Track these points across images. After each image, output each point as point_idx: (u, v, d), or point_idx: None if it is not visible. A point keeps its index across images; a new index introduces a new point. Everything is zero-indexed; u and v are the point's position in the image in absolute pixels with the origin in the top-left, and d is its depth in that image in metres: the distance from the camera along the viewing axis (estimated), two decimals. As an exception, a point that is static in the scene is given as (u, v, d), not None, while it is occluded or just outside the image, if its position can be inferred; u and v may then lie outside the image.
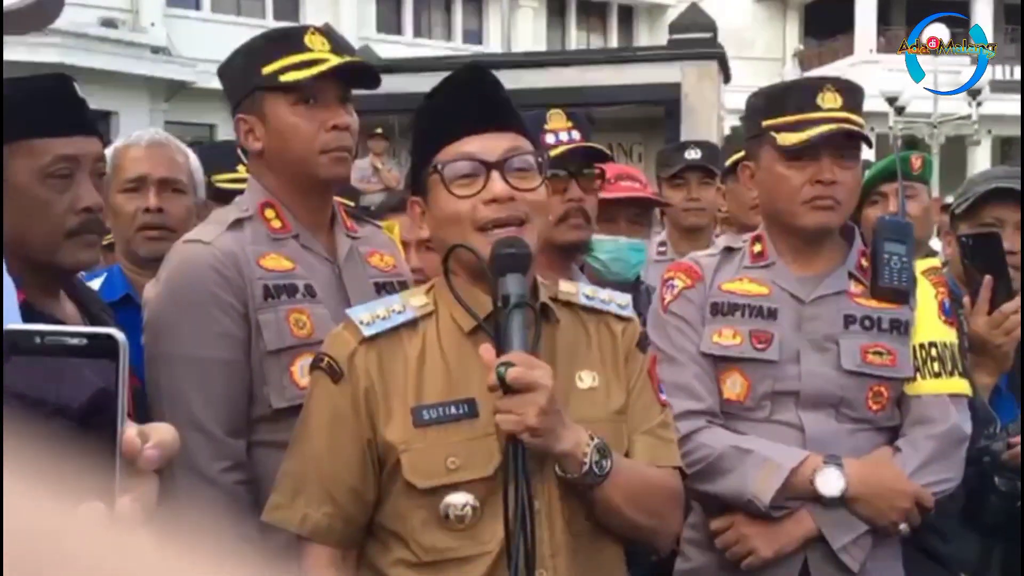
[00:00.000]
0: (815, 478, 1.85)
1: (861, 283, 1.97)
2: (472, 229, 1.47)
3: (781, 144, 1.89)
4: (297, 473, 1.51)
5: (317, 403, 1.51)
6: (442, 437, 1.47)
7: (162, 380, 1.72)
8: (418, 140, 1.60)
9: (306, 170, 1.80)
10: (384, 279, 1.93)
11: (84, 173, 1.54)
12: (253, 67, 1.81)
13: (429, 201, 1.52)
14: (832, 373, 1.91)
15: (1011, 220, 2.23)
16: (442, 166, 1.48)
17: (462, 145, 1.50)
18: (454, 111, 1.54)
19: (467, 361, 1.49)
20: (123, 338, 0.68)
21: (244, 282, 1.73)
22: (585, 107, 10.45)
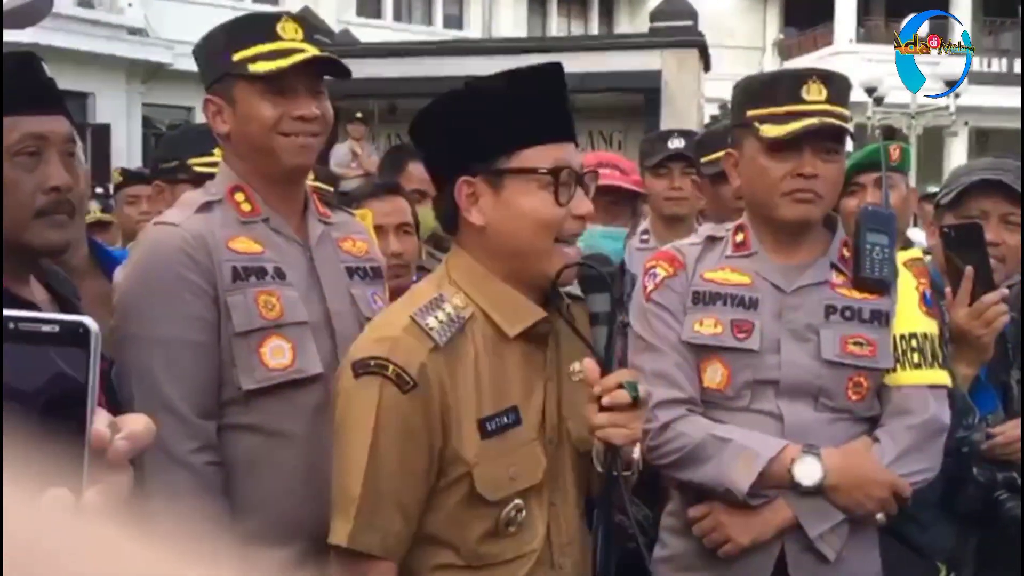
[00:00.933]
0: (793, 467, 1.86)
1: (843, 273, 1.97)
2: (552, 238, 1.48)
3: (764, 136, 1.89)
4: (371, 495, 1.44)
5: (386, 415, 1.43)
6: (501, 448, 1.48)
7: (131, 361, 1.71)
8: (489, 124, 1.50)
9: (268, 157, 1.81)
10: (356, 264, 1.93)
11: (53, 152, 1.51)
12: (225, 52, 1.81)
13: (496, 189, 1.48)
14: (812, 363, 1.91)
15: (995, 212, 2.23)
16: (538, 167, 1.46)
17: (555, 151, 1.48)
18: (547, 110, 1.51)
19: (507, 366, 1.51)
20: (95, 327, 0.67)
21: (213, 264, 1.72)
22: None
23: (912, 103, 16.80)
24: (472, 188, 1.49)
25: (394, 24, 21.30)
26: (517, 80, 1.52)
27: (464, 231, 1.53)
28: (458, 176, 1.49)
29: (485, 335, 1.50)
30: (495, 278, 1.50)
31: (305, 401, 1.76)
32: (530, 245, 1.48)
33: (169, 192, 2.72)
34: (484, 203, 1.49)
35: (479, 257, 1.51)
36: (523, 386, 1.53)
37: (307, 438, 1.74)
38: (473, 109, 1.50)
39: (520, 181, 1.46)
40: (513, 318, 1.51)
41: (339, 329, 1.82)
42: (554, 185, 1.47)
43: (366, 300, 1.90)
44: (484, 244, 1.51)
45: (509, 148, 1.47)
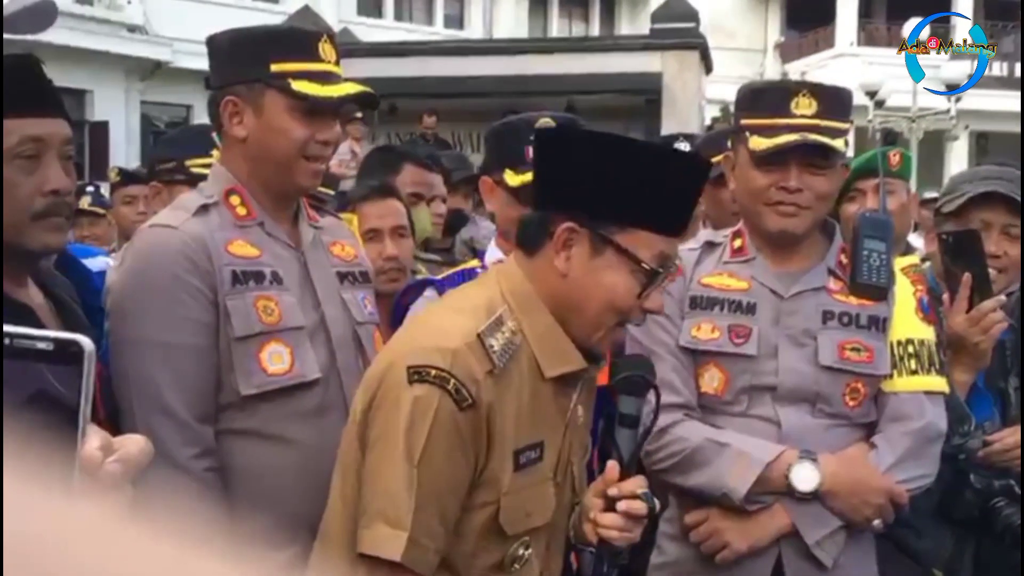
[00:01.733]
0: (790, 473, 1.86)
1: (840, 279, 1.97)
2: (614, 316, 1.49)
3: (751, 147, 1.90)
4: (423, 510, 1.39)
5: (440, 429, 1.39)
6: (523, 483, 1.48)
7: (130, 366, 1.70)
8: (624, 189, 1.46)
9: (285, 173, 1.80)
10: (346, 269, 1.93)
11: (52, 155, 1.50)
12: (259, 58, 1.78)
13: (595, 251, 1.45)
14: (809, 369, 1.91)
15: (997, 223, 2.22)
16: (642, 260, 1.45)
17: (664, 244, 1.47)
18: (680, 206, 1.50)
19: (541, 401, 1.50)
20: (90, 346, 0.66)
21: (213, 267, 1.71)
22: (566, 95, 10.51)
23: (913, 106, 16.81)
24: (573, 236, 1.45)
25: (395, 23, 21.28)
26: (669, 160, 1.52)
27: (542, 264, 1.49)
28: (562, 213, 1.46)
29: (529, 366, 1.48)
30: (547, 312, 1.49)
31: (303, 406, 1.75)
32: (595, 316, 1.47)
33: (166, 193, 2.72)
34: (576, 255, 1.46)
35: (543, 293, 1.49)
36: (550, 424, 1.52)
37: (305, 443, 1.73)
38: (618, 165, 1.46)
39: (619, 257, 1.45)
40: (555, 360, 1.49)
41: (334, 333, 1.82)
42: (646, 281, 1.46)
43: (357, 304, 1.90)
44: (556, 289, 1.48)
45: (626, 220, 1.45)
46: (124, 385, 1.69)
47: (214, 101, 1.84)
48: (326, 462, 1.56)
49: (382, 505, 1.40)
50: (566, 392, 1.54)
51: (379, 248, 2.41)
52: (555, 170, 1.51)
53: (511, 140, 2.04)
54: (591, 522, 1.49)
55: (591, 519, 1.49)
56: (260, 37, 1.85)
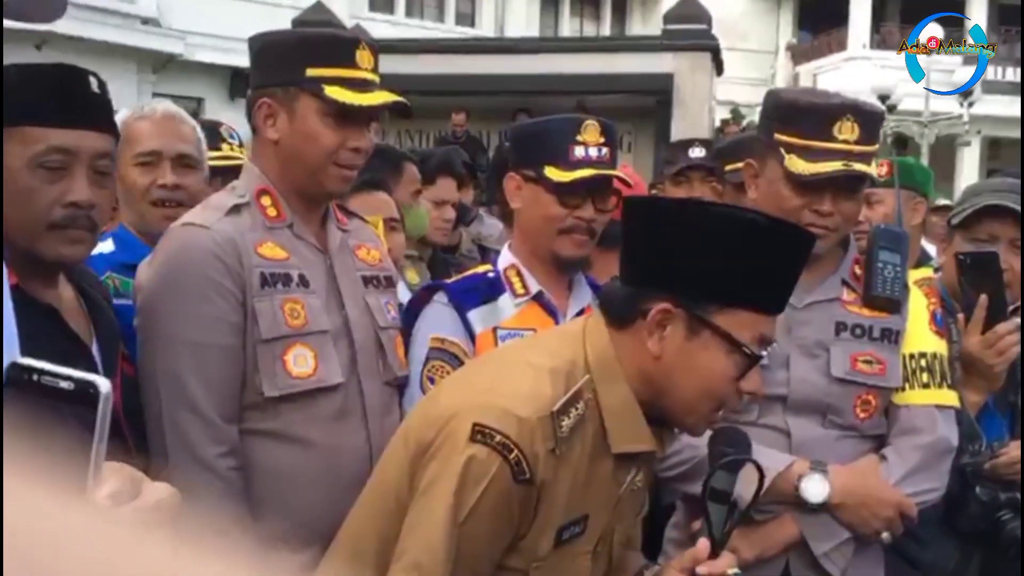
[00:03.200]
0: (800, 484, 1.86)
1: (854, 291, 1.97)
2: (712, 401, 1.43)
3: (789, 168, 1.86)
4: (458, 569, 1.36)
5: (491, 497, 1.35)
6: (562, 555, 1.45)
7: (159, 363, 1.71)
8: (727, 268, 1.37)
9: (315, 177, 1.81)
10: (371, 273, 1.94)
11: (82, 167, 1.50)
12: (296, 62, 1.79)
13: (691, 333, 1.38)
14: (821, 380, 1.91)
15: (1004, 236, 2.22)
16: (743, 343, 1.38)
17: (763, 324, 1.40)
18: (782, 284, 1.44)
19: (598, 475, 1.46)
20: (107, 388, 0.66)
21: (243, 268, 1.73)
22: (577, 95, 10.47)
23: (925, 111, 16.76)
24: (668, 318, 1.39)
25: (406, 20, 21.28)
26: (772, 234, 1.41)
27: (631, 341, 1.42)
28: (657, 291, 1.39)
29: (594, 436, 1.43)
30: (627, 387, 1.43)
31: (325, 409, 1.76)
32: (690, 400, 1.41)
33: None
34: (671, 336, 1.39)
35: (630, 369, 1.42)
36: (601, 499, 1.48)
37: (326, 445, 1.75)
38: (712, 240, 1.37)
39: (718, 339, 1.38)
40: (625, 438, 1.44)
41: (356, 338, 1.83)
42: (744, 364, 1.39)
43: (381, 309, 1.91)
44: (647, 369, 1.41)
45: (725, 300, 1.38)
46: (152, 382, 1.71)
47: (250, 101, 1.85)
48: (344, 465, 1.56)
49: (420, 557, 1.36)
50: (626, 468, 1.50)
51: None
52: (648, 245, 1.43)
53: (554, 137, 1.99)
54: None
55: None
56: (298, 41, 1.87)
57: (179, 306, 1.71)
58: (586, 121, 2.00)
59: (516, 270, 2.02)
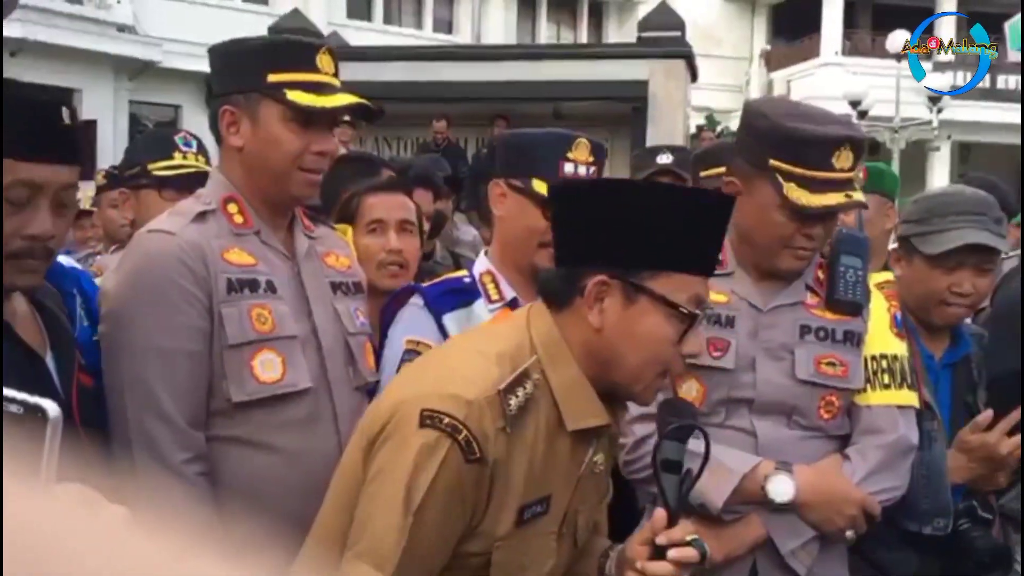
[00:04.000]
0: (766, 484, 1.89)
1: (817, 294, 2.01)
2: (656, 365, 1.46)
3: (790, 198, 1.86)
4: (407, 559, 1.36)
5: (443, 480, 1.36)
6: (525, 535, 1.47)
7: (125, 370, 1.70)
8: (651, 235, 1.43)
9: (281, 183, 1.82)
10: (339, 279, 1.94)
11: (44, 200, 1.47)
12: (257, 68, 1.80)
13: (628, 301, 1.43)
14: (786, 382, 1.95)
15: (969, 262, 2.19)
16: (680, 305, 1.42)
17: (696, 285, 1.44)
18: (709, 246, 1.48)
19: (557, 455, 1.48)
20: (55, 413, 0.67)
21: (209, 274, 1.73)
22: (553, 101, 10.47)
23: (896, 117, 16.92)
24: (604, 288, 1.43)
25: (384, 27, 21.26)
26: (695, 202, 1.50)
27: (572, 319, 1.46)
28: (590, 266, 1.44)
29: (548, 417, 1.45)
30: (575, 365, 1.46)
31: (293, 415, 1.77)
32: (636, 367, 1.45)
33: (134, 199, 2.72)
34: (610, 307, 1.43)
35: (575, 347, 1.46)
36: (562, 478, 1.50)
37: (295, 451, 1.75)
38: (640, 211, 1.43)
39: (655, 304, 1.42)
40: (578, 414, 1.47)
41: (324, 344, 1.83)
42: (683, 326, 1.44)
43: (349, 315, 1.91)
44: (591, 343, 1.45)
45: (657, 265, 1.42)
46: (118, 389, 1.70)
47: (213, 110, 1.85)
48: (314, 471, 1.57)
49: (371, 546, 1.38)
50: (584, 446, 1.52)
51: (382, 241, 2.34)
52: (577, 225, 1.49)
53: (545, 152, 2.00)
54: (636, 572, 1.48)
55: (637, 569, 1.48)
56: (258, 48, 1.87)
57: (145, 313, 1.70)
58: (578, 139, 2.02)
59: (492, 276, 2.05)
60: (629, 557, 1.52)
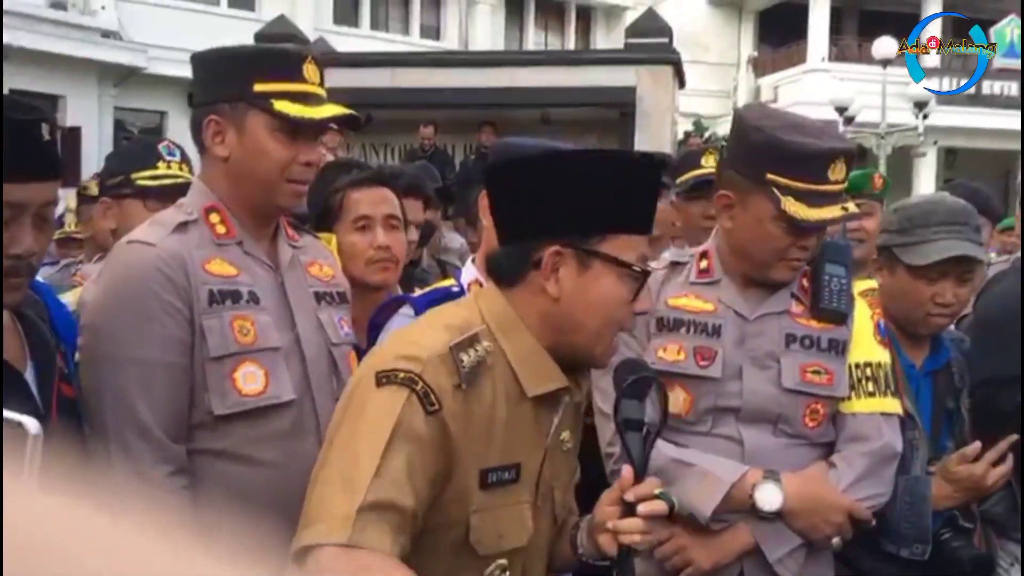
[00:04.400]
0: (754, 492, 1.90)
1: (802, 303, 2.02)
2: (613, 326, 1.50)
3: (789, 212, 1.87)
4: (372, 501, 1.32)
5: (405, 425, 1.36)
6: (494, 503, 1.47)
7: (104, 383, 1.68)
8: (592, 200, 1.47)
9: (267, 193, 1.81)
10: (323, 289, 1.92)
11: (27, 218, 1.46)
12: (243, 77, 1.78)
13: (582, 268, 1.46)
14: (772, 390, 1.95)
15: (953, 272, 2.19)
16: (632, 264, 1.46)
17: (640, 244, 1.49)
18: (646, 204, 1.51)
19: (520, 422, 1.49)
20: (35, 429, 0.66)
21: (190, 285, 1.71)
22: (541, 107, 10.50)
23: (882, 123, 17.00)
24: (559, 258, 1.46)
25: (371, 33, 21.27)
26: (629, 164, 1.54)
27: (525, 294, 1.49)
28: (542, 239, 1.46)
29: (507, 385, 1.47)
30: (529, 335, 1.48)
31: (276, 427, 1.75)
32: (596, 329, 1.48)
33: (117, 208, 2.70)
34: (565, 276, 1.46)
35: (532, 320, 1.48)
36: (529, 446, 1.52)
37: (277, 464, 1.73)
38: (579, 179, 1.47)
39: (608, 266, 1.46)
40: (536, 379, 1.49)
41: (308, 355, 1.82)
42: (638, 284, 1.48)
43: (333, 325, 1.90)
44: (549, 313, 1.47)
45: (604, 229, 1.46)
46: (98, 402, 1.67)
47: (196, 119, 1.83)
48: (299, 484, 1.55)
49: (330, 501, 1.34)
50: (548, 414, 1.53)
51: (370, 237, 2.32)
52: (518, 200, 1.51)
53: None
54: (609, 532, 1.49)
55: (610, 528, 1.49)
56: (244, 57, 1.85)
57: (125, 324, 1.68)
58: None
59: (480, 285, 2.05)
60: (599, 520, 1.53)
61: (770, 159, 1.90)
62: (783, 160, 1.89)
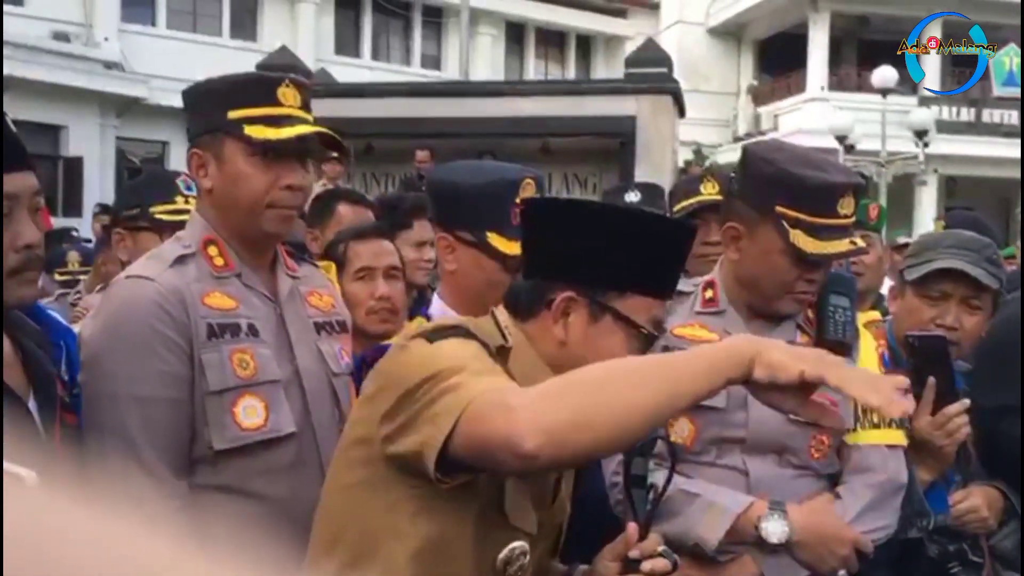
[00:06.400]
0: (760, 524, 1.88)
1: (807, 334, 2.01)
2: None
3: (798, 246, 1.88)
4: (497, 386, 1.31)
5: (479, 352, 1.38)
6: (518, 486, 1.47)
7: (105, 420, 1.67)
8: (620, 257, 1.48)
9: (251, 221, 1.79)
10: (323, 319, 1.91)
11: (22, 209, 1.48)
12: (219, 107, 1.78)
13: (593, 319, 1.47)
14: (778, 421, 1.93)
15: (956, 295, 2.21)
16: (642, 326, 1.47)
17: (656, 307, 1.50)
18: (670, 270, 1.53)
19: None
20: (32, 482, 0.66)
21: (189, 320, 1.70)
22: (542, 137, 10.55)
23: (882, 151, 17.06)
24: (572, 304, 1.48)
25: (372, 63, 21.42)
26: (662, 228, 1.57)
27: (536, 330, 1.50)
28: (561, 282, 1.48)
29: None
30: (534, 353, 1.50)
31: (277, 461, 1.74)
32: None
33: (130, 240, 2.70)
34: (575, 323, 1.48)
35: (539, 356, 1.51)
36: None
37: (278, 498, 1.71)
38: (611, 234, 1.49)
39: (618, 323, 1.48)
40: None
41: (308, 386, 1.81)
42: (641, 346, 1.49)
43: (334, 355, 1.89)
44: (553, 355, 1.49)
45: (622, 287, 1.48)
46: (99, 439, 1.66)
47: (188, 153, 1.84)
48: (301, 517, 1.53)
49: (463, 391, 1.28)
50: None
51: (371, 288, 2.36)
52: (548, 241, 1.53)
53: (492, 201, 1.97)
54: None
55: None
56: (220, 87, 1.85)
57: (124, 360, 1.67)
58: (524, 180, 1.99)
59: None
60: (599, 573, 1.53)
61: (780, 192, 1.90)
62: (793, 193, 1.89)
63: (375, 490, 1.40)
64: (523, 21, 24.06)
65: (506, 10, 23.11)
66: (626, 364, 1.35)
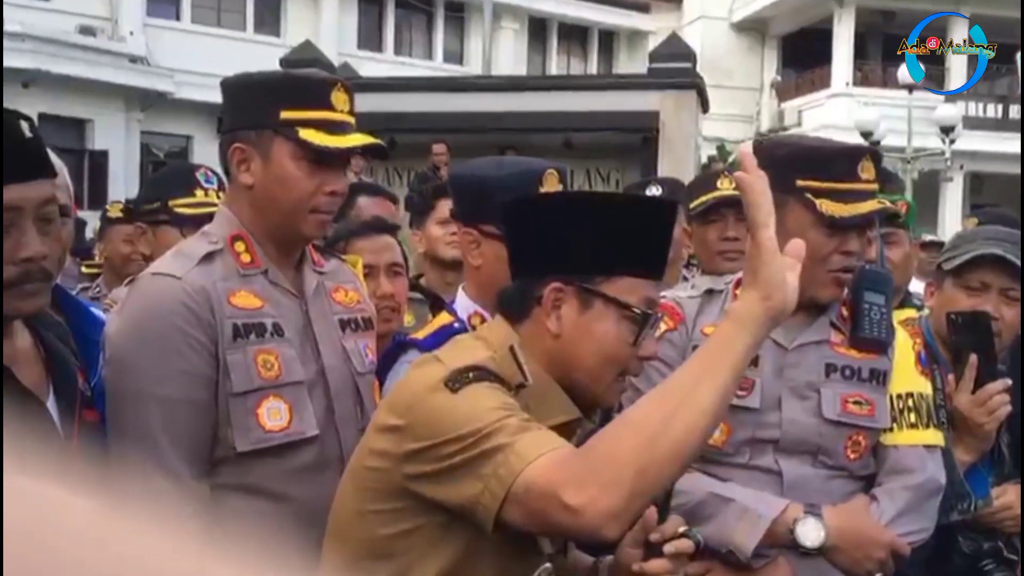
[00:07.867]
0: (796, 528, 1.85)
1: (841, 332, 1.97)
2: (612, 367, 1.49)
3: (826, 212, 1.84)
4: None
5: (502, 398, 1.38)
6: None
7: (128, 419, 1.65)
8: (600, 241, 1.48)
9: (291, 223, 1.77)
10: (348, 315, 1.89)
11: (27, 220, 1.44)
12: (270, 104, 1.75)
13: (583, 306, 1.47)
14: (812, 421, 1.91)
15: (996, 285, 2.20)
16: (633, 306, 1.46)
17: (647, 288, 1.49)
18: (656, 249, 1.52)
19: None
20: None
21: (215, 320, 1.67)
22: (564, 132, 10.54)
23: (908, 147, 16.93)
24: (560, 295, 1.47)
25: (395, 58, 21.47)
26: (640, 207, 1.57)
27: (531, 329, 1.50)
28: (547, 276, 1.48)
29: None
30: (537, 366, 1.49)
31: (300, 462, 1.72)
32: (593, 368, 1.49)
33: (151, 234, 2.68)
34: (566, 313, 1.47)
35: (537, 356, 1.50)
36: None
37: (301, 499, 1.70)
38: (588, 220, 1.49)
39: (609, 307, 1.47)
40: (550, 410, 1.48)
41: (333, 386, 1.79)
42: (639, 327, 1.48)
43: (359, 354, 1.87)
44: (551, 350, 1.49)
45: (610, 270, 1.47)
46: (122, 438, 1.65)
47: (223, 146, 1.80)
48: (322, 518, 1.52)
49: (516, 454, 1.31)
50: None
51: (373, 286, 2.32)
52: (529, 237, 1.54)
53: (515, 193, 1.89)
54: (635, 574, 1.48)
55: (636, 571, 1.48)
56: (272, 83, 1.82)
57: (149, 359, 1.65)
58: (547, 172, 1.96)
59: (481, 318, 2.00)
60: (623, 563, 1.52)
61: (799, 166, 1.89)
62: (812, 164, 1.88)
63: (398, 519, 1.42)
64: (546, 16, 24.03)
65: (529, 5, 23.10)
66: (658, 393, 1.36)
